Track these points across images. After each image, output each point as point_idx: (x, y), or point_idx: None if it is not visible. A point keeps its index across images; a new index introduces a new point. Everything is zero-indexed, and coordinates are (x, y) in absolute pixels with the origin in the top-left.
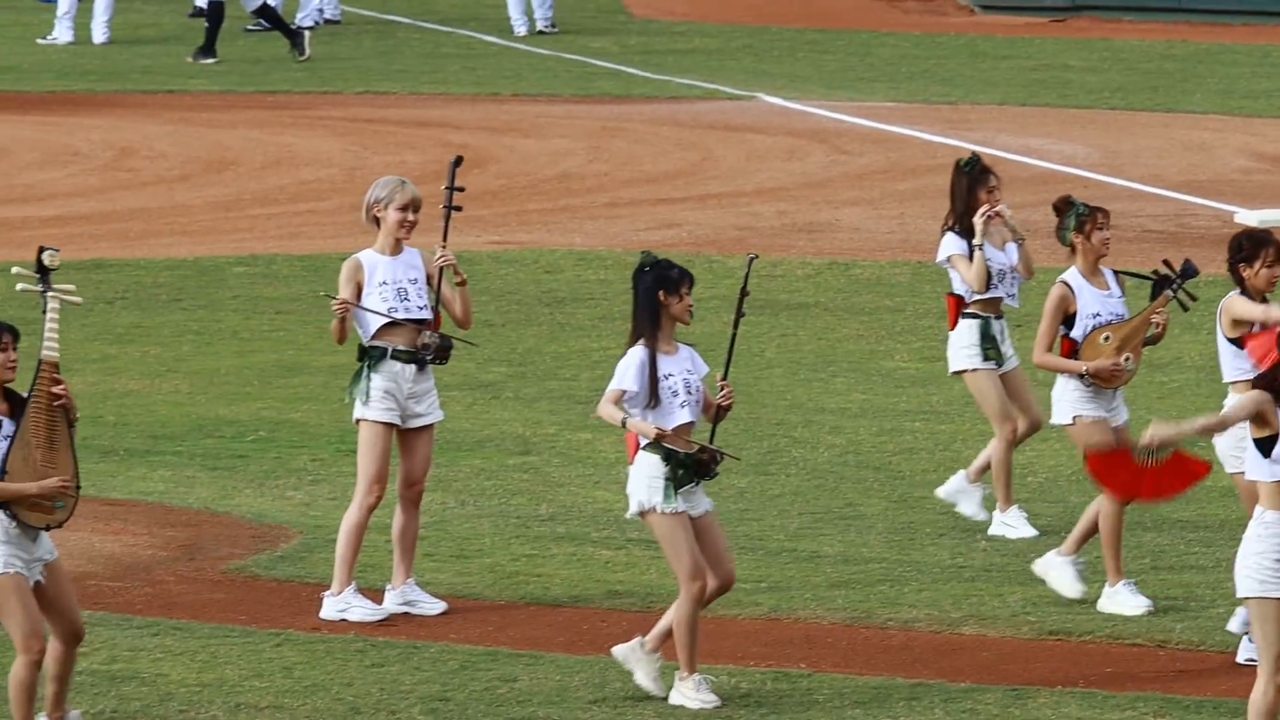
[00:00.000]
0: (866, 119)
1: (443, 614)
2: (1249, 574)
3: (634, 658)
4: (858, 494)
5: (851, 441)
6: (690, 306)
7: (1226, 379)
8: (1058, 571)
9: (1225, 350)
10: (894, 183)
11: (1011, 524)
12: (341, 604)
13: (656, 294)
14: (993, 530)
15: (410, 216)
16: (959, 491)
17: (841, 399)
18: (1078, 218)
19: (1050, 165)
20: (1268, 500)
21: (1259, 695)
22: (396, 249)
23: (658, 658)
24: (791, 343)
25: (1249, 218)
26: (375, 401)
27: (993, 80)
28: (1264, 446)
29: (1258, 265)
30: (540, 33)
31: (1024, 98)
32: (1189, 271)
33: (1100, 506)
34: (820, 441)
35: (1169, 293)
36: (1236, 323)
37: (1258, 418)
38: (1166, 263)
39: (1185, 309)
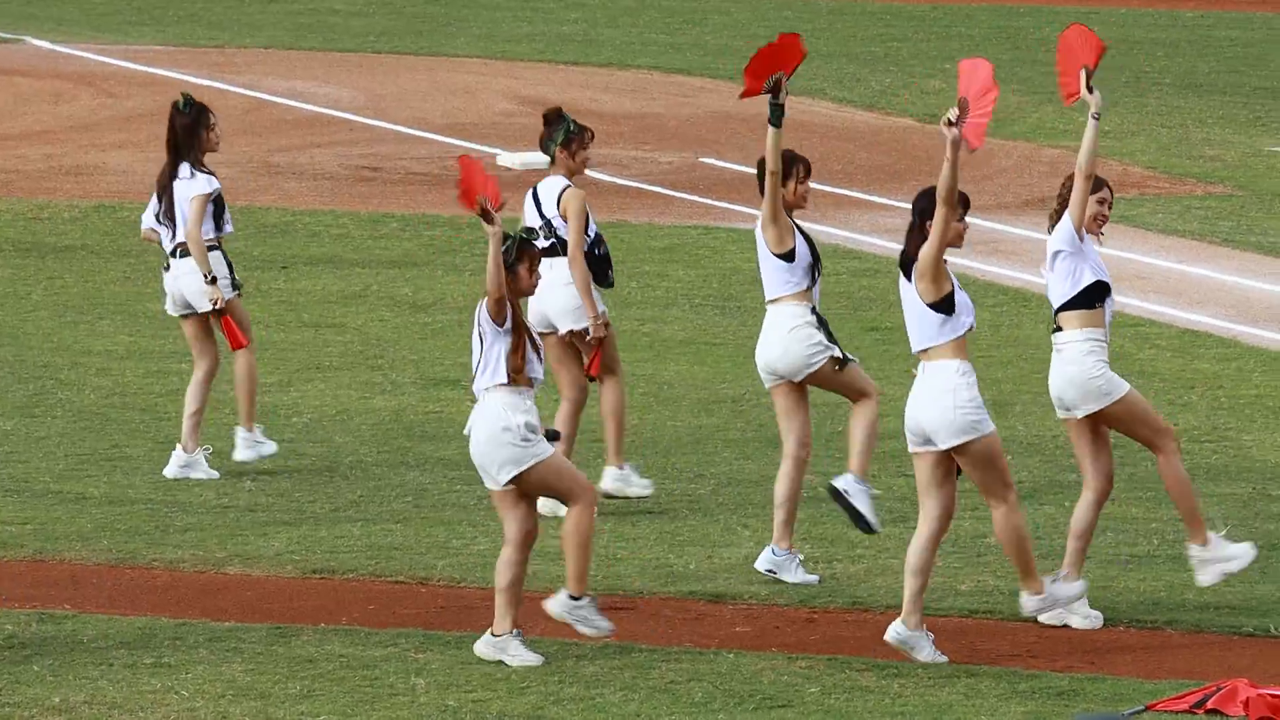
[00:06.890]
0: (134, 62)
1: None
2: None
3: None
4: (124, 435)
5: (118, 383)
6: None
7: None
8: None
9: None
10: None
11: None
12: None
13: None
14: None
15: None
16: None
17: (108, 341)
18: (566, 133)
19: (317, 108)
20: None
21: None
22: None
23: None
24: (58, 285)
25: (511, 160)
26: None
27: (259, 24)
28: None
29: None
30: None
31: (290, 41)
32: None
33: None
34: (87, 384)
35: None
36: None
37: None
38: None
39: None
